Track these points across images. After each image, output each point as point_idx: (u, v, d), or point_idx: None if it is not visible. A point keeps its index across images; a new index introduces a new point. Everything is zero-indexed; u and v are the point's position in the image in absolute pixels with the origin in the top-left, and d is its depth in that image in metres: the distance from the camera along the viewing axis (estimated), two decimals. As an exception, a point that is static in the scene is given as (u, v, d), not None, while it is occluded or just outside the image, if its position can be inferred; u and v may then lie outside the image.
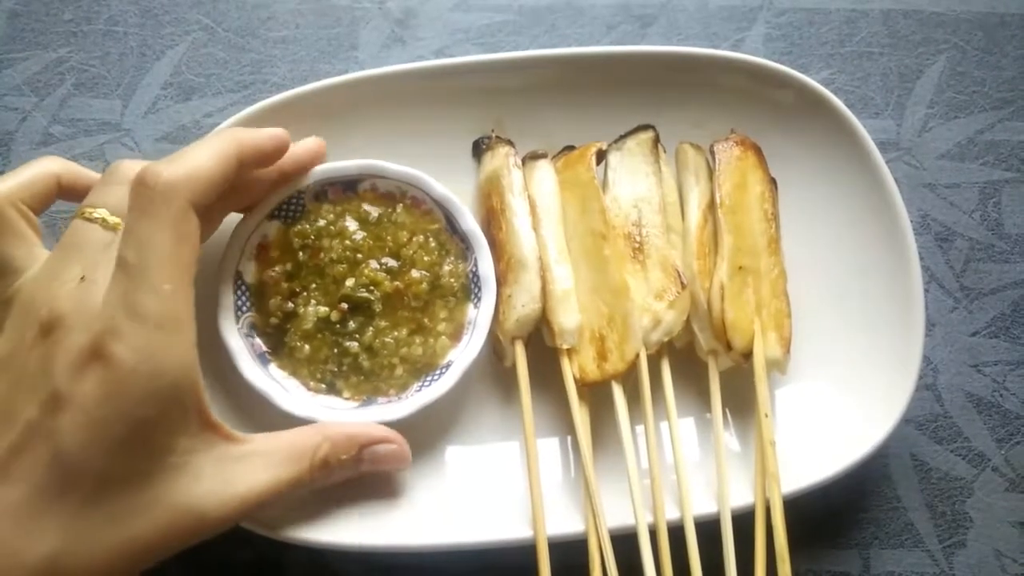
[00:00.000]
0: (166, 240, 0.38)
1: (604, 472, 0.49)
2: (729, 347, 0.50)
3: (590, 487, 0.47)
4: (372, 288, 0.49)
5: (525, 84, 0.55)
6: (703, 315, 0.51)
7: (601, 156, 0.53)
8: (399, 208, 0.51)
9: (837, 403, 0.52)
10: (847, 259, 0.54)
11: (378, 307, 0.49)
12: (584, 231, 0.51)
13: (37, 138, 0.58)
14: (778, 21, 0.62)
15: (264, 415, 0.47)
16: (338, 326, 0.48)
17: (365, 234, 0.50)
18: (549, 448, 0.51)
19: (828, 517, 0.53)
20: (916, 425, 0.55)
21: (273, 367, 0.49)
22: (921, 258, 0.53)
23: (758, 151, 0.53)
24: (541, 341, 0.51)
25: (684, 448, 0.50)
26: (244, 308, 0.49)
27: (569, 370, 0.49)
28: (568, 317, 0.49)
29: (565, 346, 0.49)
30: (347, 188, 0.51)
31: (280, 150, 0.47)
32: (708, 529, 0.47)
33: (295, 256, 0.49)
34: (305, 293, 0.49)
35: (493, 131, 0.55)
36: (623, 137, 0.54)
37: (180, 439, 0.39)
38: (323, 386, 0.49)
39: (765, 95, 0.55)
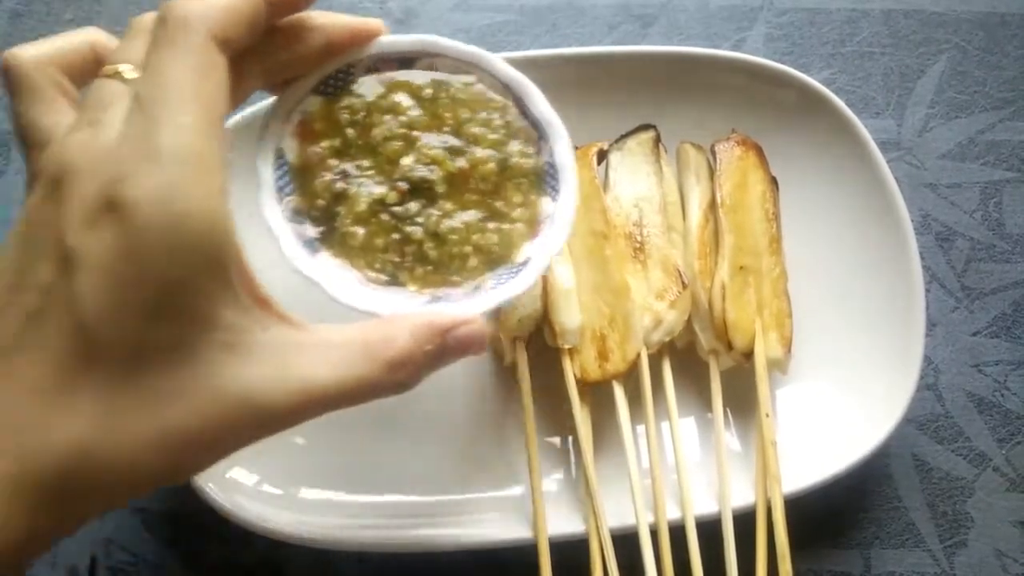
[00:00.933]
0: (183, 71, 0.33)
1: (605, 472, 0.49)
2: (730, 347, 0.50)
3: (591, 487, 0.47)
4: (433, 167, 0.42)
5: (526, 84, 0.55)
6: (704, 315, 0.51)
7: (602, 156, 0.53)
8: (460, 84, 0.44)
9: (838, 403, 0.52)
10: (848, 259, 0.54)
11: (441, 188, 0.42)
12: (585, 231, 0.51)
13: (38, 138, 0.58)
14: (779, 21, 0.62)
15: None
16: (397, 208, 0.42)
17: (421, 111, 0.43)
18: (550, 448, 0.51)
19: (829, 517, 0.53)
20: (917, 425, 0.55)
21: (324, 255, 0.42)
22: (922, 258, 0.53)
23: (759, 151, 0.53)
24: (542, 341, 0.51)
25: (685, 448, 0.50)
26: (287, 190, 0.42)
27: (570, 370, 0.49)
28: (569, 317, 0.49)
29: (566, 346, 0.49)
30: (402, 65, 0.45)
31: None
32: (709, 529, 0.48)
33: (342, 133, 0.43)
34: (356, 172, 0.42)
35: (494, 131, 0.55)
36: (624, 137, 0.54)
37: (225, 312, 0.33)
38: (384, 277, 0.42)
39: (766, 95, 0.55)
